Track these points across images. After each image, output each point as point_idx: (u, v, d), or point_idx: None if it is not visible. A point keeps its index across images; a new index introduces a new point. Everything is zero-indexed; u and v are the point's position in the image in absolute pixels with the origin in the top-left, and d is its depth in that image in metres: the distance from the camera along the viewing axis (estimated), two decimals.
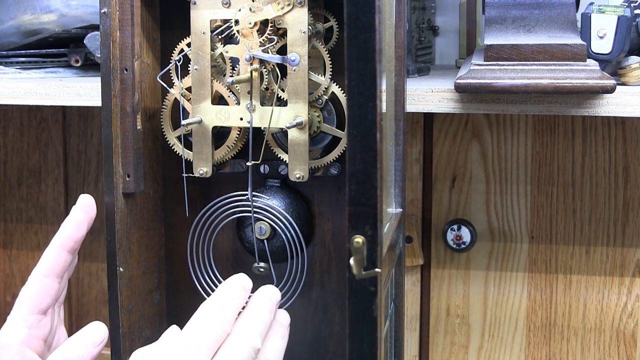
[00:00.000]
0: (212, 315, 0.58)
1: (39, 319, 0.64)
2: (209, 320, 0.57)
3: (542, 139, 0.97)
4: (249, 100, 0.72)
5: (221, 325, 0.57)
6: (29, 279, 0.65)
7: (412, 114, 0.97)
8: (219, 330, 0.57)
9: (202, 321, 0.57)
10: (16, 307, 0.64)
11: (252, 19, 0.71)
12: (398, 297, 0.76)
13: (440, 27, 1.22)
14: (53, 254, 0.66)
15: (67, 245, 0.66)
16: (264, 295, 0.62)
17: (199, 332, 0.57)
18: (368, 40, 0.50)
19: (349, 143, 0.51)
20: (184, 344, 0.56)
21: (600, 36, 0.80)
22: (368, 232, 0.52)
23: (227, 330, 0.58)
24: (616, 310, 0.98)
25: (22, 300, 0.64)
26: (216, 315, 0.58)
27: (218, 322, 0.57)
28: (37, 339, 0.63)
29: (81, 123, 1.11)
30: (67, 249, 0.66)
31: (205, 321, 0.57)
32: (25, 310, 0.63)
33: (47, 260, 0.65)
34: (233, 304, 0.59)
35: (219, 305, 0.59)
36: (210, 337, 0.56)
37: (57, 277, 0.65)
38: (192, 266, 0.80)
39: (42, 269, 0.65)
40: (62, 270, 0.66)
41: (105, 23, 0.71)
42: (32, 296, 0.64)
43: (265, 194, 0.78)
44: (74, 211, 0.68)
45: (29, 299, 0.64)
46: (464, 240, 0.99)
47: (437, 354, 1.03)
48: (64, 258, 0.66)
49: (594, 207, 0.97)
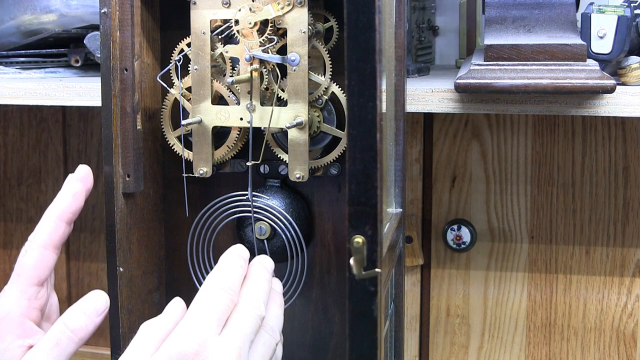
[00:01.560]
0: (219, 288, 0.59)
1: (37, 291, 0.64)
2: (217, 293, 0.59)
3: (542, 139, 0.97)
4: (249, 100, 0.72)
5: (228, 296, 0.59)
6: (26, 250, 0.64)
7: (412, 114, 0.97)
8: (227, 301, 0.59)
9: (210, 294, 0.59)
10: (15, 278, 0.64)
11: (252, 19, 0.71)
12: (398, 297, 0.76)
13: (440, 27, 1.22)
14: (51, 225, 0.65)
15: (64, 217, 0.65)
16: (261, 265, 0.64)
17: (208, 304, 0.58)
18: (368, 40, 0.50)
19: (349, 143, 0.51)
20: (195, 315, 0.57)
21: (600, 36, 0.80)
22: (368, 232, 0.52)
23: (234, 300, 0.59)
24: (616, 310, 0.98)
25: (20, 272, 0.64)
26: (223, 288, 0.59)
27: (225, 294, 0.59)
28: (35, 310, 0.64)
29: (81, 123, 1.11)
30: (65, 220, 0.65)
31: (214, 293, 0.59)
32: (24, 282, 0.63)
33: (45, 231, 0.65)
34: (237, 276, 0.61)
35: (224, 278, 0.60)
36: (220, 308, 0.58)
37: (55, 248, 0.65)
38: (192, 266, 0.80)
39: (40, 241, 0.64)
40: (60, 241, 0.65)
41: (105, 23, 0.71)
42: (31, 268, 0.64)
43: (265, 194, 0.78)
44: (71, 182, 0.67)
45: (28, 271, 0.64)
46: (464, 240, 0.99)
47: (437, 354, 1.03)
48: (62, 229, 0.65)
49: (594, 207, 0.97)
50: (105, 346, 1.11)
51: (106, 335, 1.09)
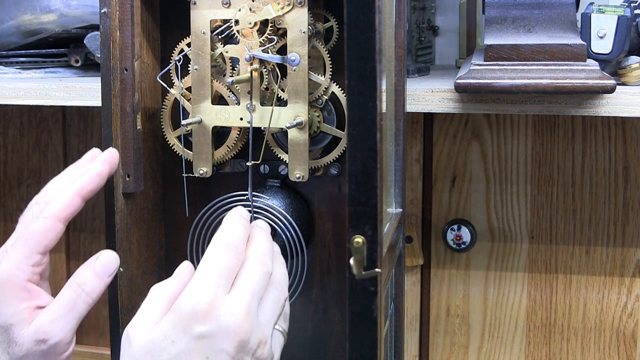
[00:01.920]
0: (224, 246, 0.60)
1: (41, 258, 0.64)
2: (223, 251, 0.60)
3: (542, 139, 0.97)
4: (249, 100, 0.72)
5: (235, 254, 0.60)
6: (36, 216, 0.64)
7: (412, 114, 0.97)
8: (234, 259, 0.60)
9: (216, 252, 0.60)
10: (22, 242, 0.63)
11: (252, 19, 0.71)
12: (398, 297, 0.76)
13: (440, 27, 1.22)
14: (69, 199, 0.65)
15: (84, 194, 0.65)
16: (261, 227, 0.66)
17: (215, 262, 0.59)
18: (368, 40, 0.50)
19: (349, 143, 0.51)
20: (203, 275, 0.58)
21: (600, 36, 0.80)
22: (368, 232, 0.52)
23: (240, 258, 0.60)
24: (616, 310, 0.98)
25: (29, 238, 0.63)
26: (228, 246, 0.60)
27: (231, 252, 0.60)
28: (36, 275, 0.64)
29: (81, 123, 1.11)
30: (83, 197, 0.65)
31: (220, 252, 0.60)
32: (30, 249, 0.63)
33: (61, 204, 0.64)
34: (241, 234, 0.62)
35: (229, 237, 0.61)
36: (227, 266, 0.59)
37: (67, 221, 0.65)
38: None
39: (54, 212, 0.64)
40: (72, 216, 0.65)
41: (105, 23, 0.71)
42: (41, 236, 0.63)
43: (265, 194, 0.78)
44: (98, 161, 0.67)
45: (37, 239, 0.63)
46: (464, 240, 0.99)
47: (437, 354, 1.03)
48: (77, 205, 0.65)
49: (594, 207, 0.97)
50: (105, 346, 1.11)
51: (106, 335, 1.09)
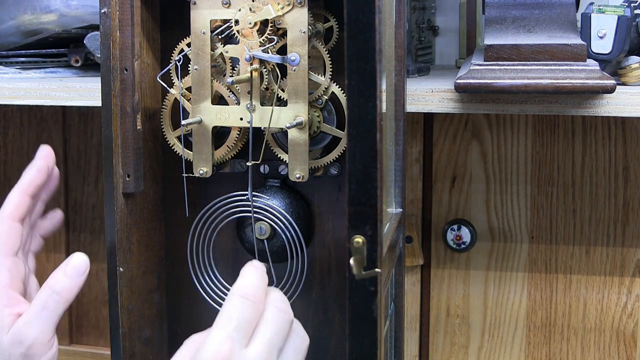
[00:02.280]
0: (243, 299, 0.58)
1: (14, 262, 0.67)
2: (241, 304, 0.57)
3: (542, 139, 0.97)
4: (249, 100, 0.72)
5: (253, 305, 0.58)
6: None
7: (412, 114, 0.97)
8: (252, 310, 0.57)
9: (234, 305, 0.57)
10: None
11: (252, 19, 0.71)
12: (398, 297, 0.76)
13: (440, 27, 1.22)
14: (17, 198, 0.71)
15: (29, 190, 0.71)
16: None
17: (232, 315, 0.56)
18: (368, 40, 0.50)
19: (349, 143, 0.51)
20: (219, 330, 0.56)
21: (600, 36, 0.80)
22: (368, 232, 0.52)
23: (260, 309, 0.58)
24: (616, 310, 0.98)
25: None
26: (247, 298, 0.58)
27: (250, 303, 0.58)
28: (17, 281, 0.67)
29: (81, 123, 1.11)
30: (29, 194, 0.71)
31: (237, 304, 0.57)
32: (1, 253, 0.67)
33: (12, 204, 0.70)
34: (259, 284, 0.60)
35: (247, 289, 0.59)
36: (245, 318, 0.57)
37: (21, 220, 0.70)
38: (192, 266, 0.80)
39: (8, 213, 0.69)
40: (26, 213, 0.71)
41: (105, 23, 0.71)
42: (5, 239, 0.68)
43: (265, 194, 0.78)
44: (34, 160, 0.73)
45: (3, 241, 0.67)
46: (464, 240, 0.99)
47: (437, 354, 1.03)
48: (27, 202, 0.71)
49: (594, 207, 0.97)
50: (105, 346, 1.11)
51: (106, 335, 1.09)
